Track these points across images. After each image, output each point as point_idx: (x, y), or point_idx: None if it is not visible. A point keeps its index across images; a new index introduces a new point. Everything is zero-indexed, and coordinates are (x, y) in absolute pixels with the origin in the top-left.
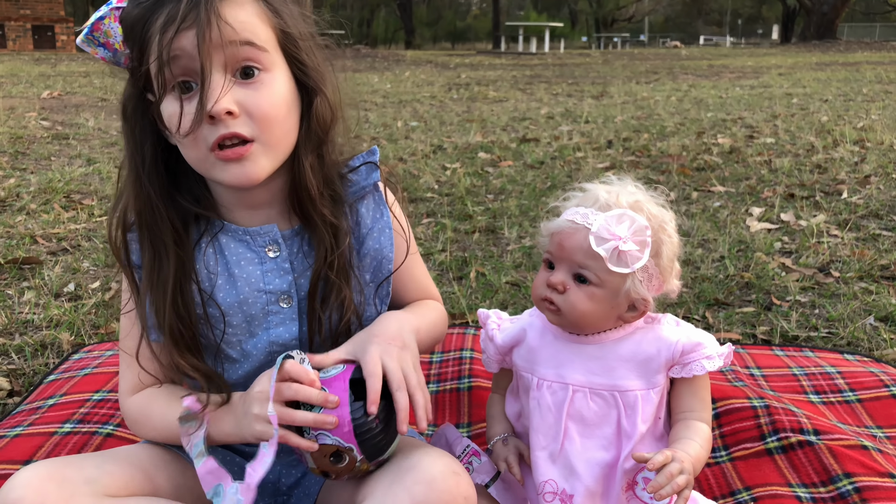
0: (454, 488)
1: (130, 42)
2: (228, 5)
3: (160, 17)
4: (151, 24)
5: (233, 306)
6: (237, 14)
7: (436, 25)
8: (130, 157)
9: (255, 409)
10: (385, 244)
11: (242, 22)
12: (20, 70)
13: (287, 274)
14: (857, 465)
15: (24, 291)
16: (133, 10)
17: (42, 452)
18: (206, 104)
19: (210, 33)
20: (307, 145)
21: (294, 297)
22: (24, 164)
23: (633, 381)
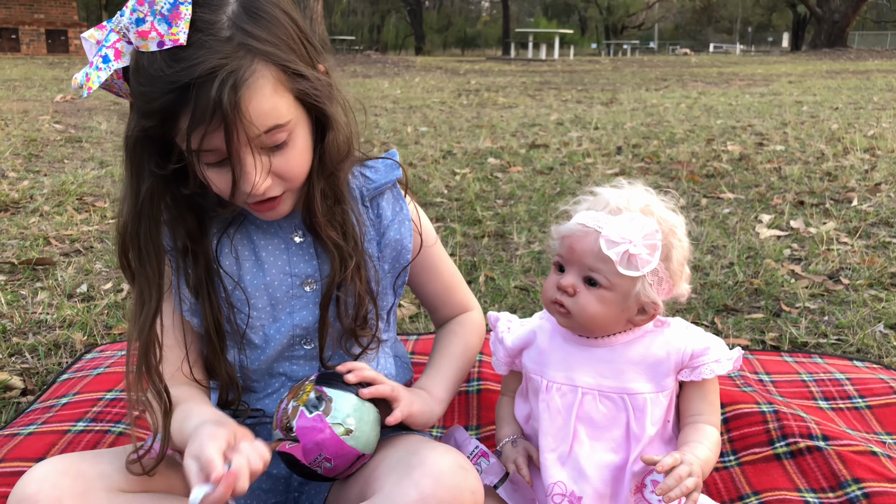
0: (462, 482)
1: (149, 116)
2: (251, 98)
3: (184, 115)
4: (176, 120)
5: (259, 288)
6: (260, 106)
7: (446, 32)
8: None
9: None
10: (405, 235)
11: (266, 113)
12: (34, 74)
13: (312, 259)
14: (866, 470)
15: (38, 292)
16: (153, 98)
17: (55, 450)
18: (244, 190)
19: (238, 136)
20: (319, 174)
21: (318, 281)
22: (38, 166)
23: (643, 384)
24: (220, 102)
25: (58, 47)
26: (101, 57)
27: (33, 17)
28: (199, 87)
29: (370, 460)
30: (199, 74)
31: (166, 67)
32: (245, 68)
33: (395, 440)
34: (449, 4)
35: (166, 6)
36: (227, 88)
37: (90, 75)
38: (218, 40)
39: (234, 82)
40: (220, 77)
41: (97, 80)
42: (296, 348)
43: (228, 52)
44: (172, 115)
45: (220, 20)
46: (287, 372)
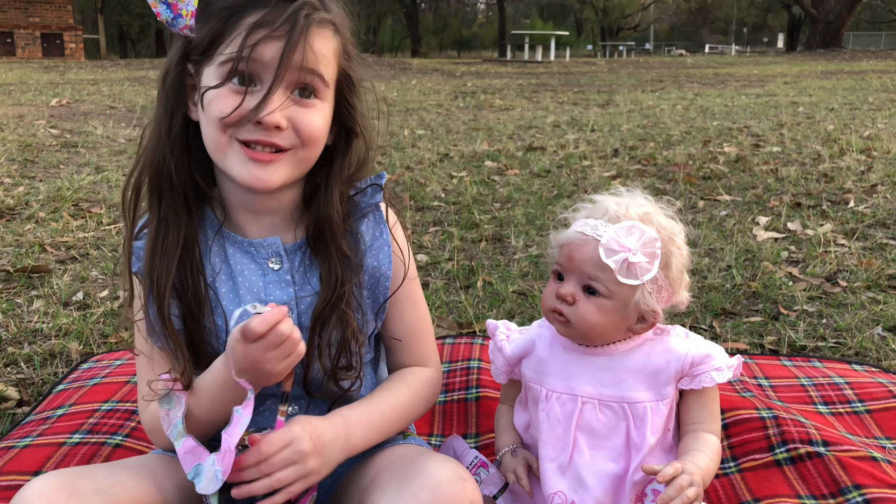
0: (460, 493)
1: (207, 19)
2: (320, 34)
3: (252, 15)
4: (241, 18)
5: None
6: (322, 46)
7: (442, 34)
8: (157, 123)
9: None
10: (383, 262)
11: (323, 54)
12: (29, 78)
13: (288, 286)
14: (866, 476)
15: (33, 300)
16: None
17: (51, 463)
18: (260, 111)
19: (294, 55)
20: (338, 179)
21: (294, 310)
22: (33, 172)
23: (643, 393)
24: (296, 18)
25: (53, 51)
26: None
27: (28, 21)
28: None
29: (370, 470)
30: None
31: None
32: (321, 15)
33: (393, 450)
34: (445, 6)
35: None
36: (304, 13)
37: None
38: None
39: (311, 15)
40: (304, 4)
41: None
42: None
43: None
44: (239, 15)
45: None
46: (275, 392)
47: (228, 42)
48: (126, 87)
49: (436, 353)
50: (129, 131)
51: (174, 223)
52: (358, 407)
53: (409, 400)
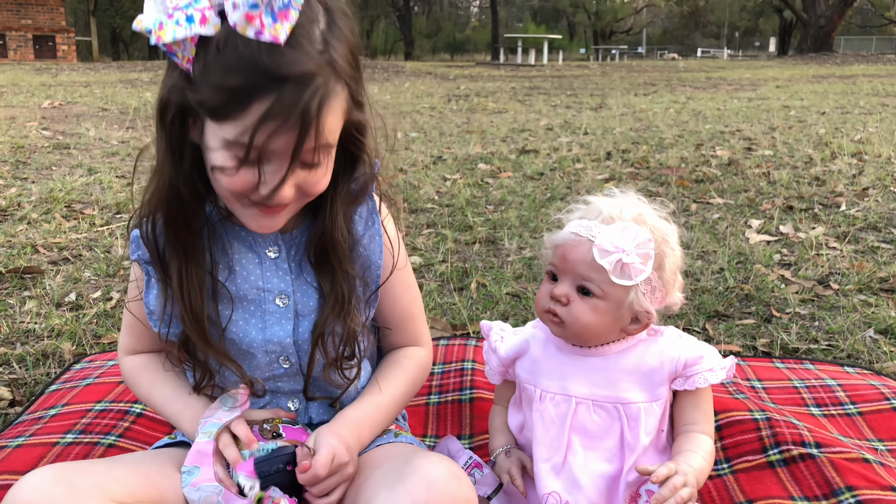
0: (455, 492)
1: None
2: (328, 114)
3: (261, 102)
4: (249, 102)
5: (233, 301)
6: (333, 120)
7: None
8: (163, 163)
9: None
10: (374, 251)
11: (333, 128)
12: (21, 80)
13: (286, 274)
14: (859, 478)
15: (26, 301)
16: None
17: (44, 462)
18: (271, 200)
19: (305, 144)
20: (344, 201)
21: (290, 297)
22: (26, 173)
23: (636, 394)
24: (307, 107)
25: (45, 53)
26: (186, 16)
27: (20, 23)
28: (295, 84)
29: (364, 468)
30: (298, 72)
31: (265, 55)
32: (332, 84)
33: (388, 449)
34: (438, 10)
35: (280, 3)
36: (317, 97)
37: (165, 26)
38: (314, 49)
39: (324, 94)
40: (315, 84)
41: (172, 35)
42: (275, 366)
43: (321, 65)
44: (246, 98)
45: (315, 32)
46: (273, 389)
47: (235, 122)
48: (118, 89)
49: (427, 333)
50: (121, 133)
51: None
52: (362, 405)
53: (406, 387)
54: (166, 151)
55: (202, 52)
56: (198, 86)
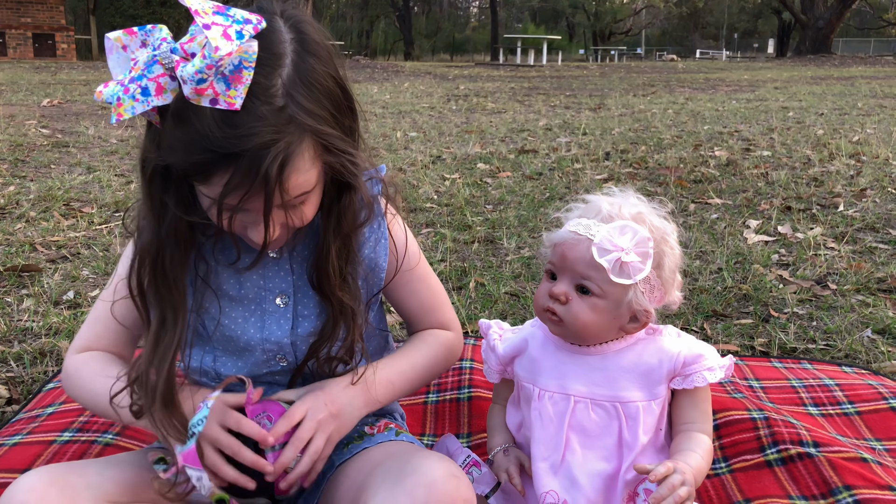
0: (454, 491)
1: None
2: (292, 172)
3: (220, 175)
4: (209, 176)
5: (234, 299)
6: (298, 179)
7: (434, 37)
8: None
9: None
10: (380, 254)
11: (301, 185)
12: (20, 78)
13: (287, 275)
14: (856, 477)
15: (24, 299)
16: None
17: (41, 461)
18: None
19: (273, 203)
20: (336, 234)
21: (291, 297)
22: (24, 171)
23: (635, 393)
24: (266, 177)
25: (45, 51)
26: (141, 88)
27: (20, 21)
28: (250, 158)
29: (363, 466)
30: (251, 147)
31: (216, 129)
32: (294, 144)
33: (387, 447)
34: (438, 10)
35: (230, 67)
36: (276, 165)
37: (123, 101)
38: (271, 110)
39: (283, 159)
40: (272, 154)
41: (131, 111)
42: (272, 363)
43: (280, 126)
44: (207, 172)
45: (275, 85)
46: (271, 381)
47: (203, 188)
48: None
49: (455, 318)
50: (120, 132)
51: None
52: (381, 366)
53: (428, 361)
54: (149, 207)
55: (162, 118)
56: (164, 151)
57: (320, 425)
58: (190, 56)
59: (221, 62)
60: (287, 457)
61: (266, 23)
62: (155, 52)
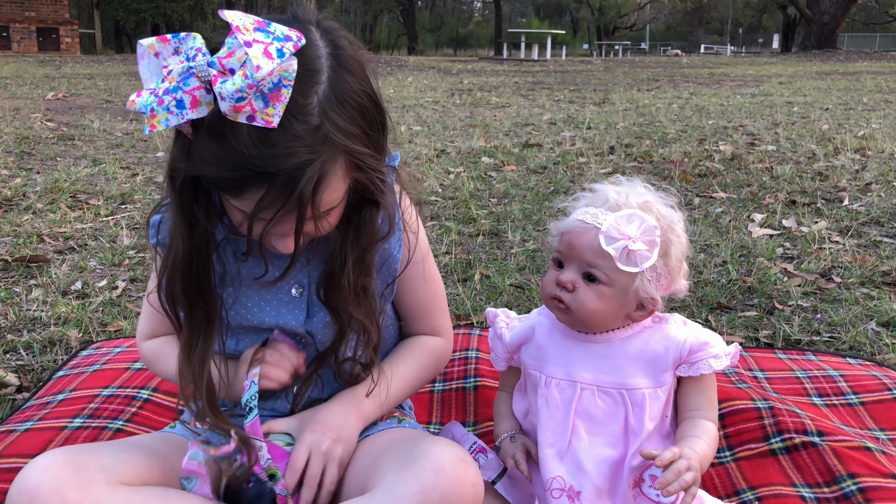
0: (462, 475)
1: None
2: (324, 189)
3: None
4: (242, 191)
5: (251, 287)
6: (330, 196)
7: (438, 32)
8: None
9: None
10: (394, 244)
11: (331, 201)
12: (25, 71)
13: (303, 266)
14: (860, 465)
15: (32, 289)
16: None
17: (53, 446)
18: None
19: (305, 219)
20: (353, 246)
21: (306, 288)
22: (30, 164)
23: (641, 380)
24: (301, 196)
25: (49, 45)
26: (176, 101)
27: (24, 15)
28: (285, 179)
29: (371, 451)
30: (288, 167)
31: (252, 147)
32: (328, 164)
33: (395, 433)
34: (441, 4)
35: (269, 85)
36: (312, 183)
37: (157, 112)
38: (307, 129)
39: (320, 177)
40: (308, 174)
41: (165, 123)
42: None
43: (315, 146)
44: (240, 188)
45: (311, 104)
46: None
47: (235, 200)
48: (122, 81)
49: (448, 325)
50: (125, 125)
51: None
52: (367, 382)
53: (415, 371)
54: (178, 217)
55: (196, 130)
56: (196, 162)
57: (328, 457)
58: (228, 72)
59: (263, 81)
60: (305, 499)
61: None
62: (191, 65)
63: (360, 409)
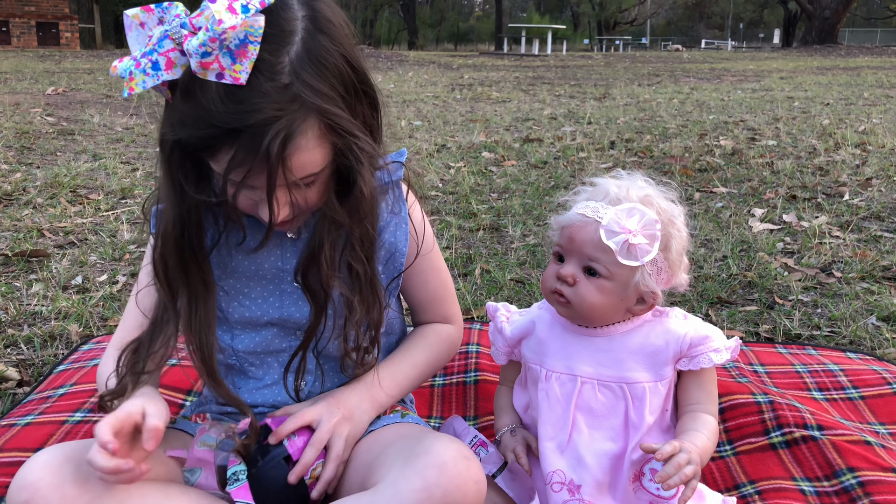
0: (465, 472)
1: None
2: (295, 150)
3: (225, 151)
4: (215, 151)
5: (252, 279)
6: (302, 158)
7: (439, 26)
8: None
9: None
10: (400, 238)
11: (305, 165)
12: (25, 66)
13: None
14: (860, 459)
15: (32, 284)
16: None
17: (53, 440)
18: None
19: (276, 180)
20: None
21: None
22: (30, 158)
23: (641, 374)
24: (268, 154)
25: (49, 40)
26: (152, 62)
27: (24, 10)
28: (251, 134)
29: (373, 447)
30: (253, 123)
31: (220, 104)
32: (297, 122)
33: (397, 429)
34: None
35: (235, 41)
36: (278, 142)
37: (134, 75)
38: (276, 87)
39: (285, 137)
40: (273, 131)
41: (142, 85)
42: (291, 339)
43: (284, 104)
44: (213, 147)
45: (282, 63)
46: (285, 362)
47: (212, 161)
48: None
49: (458, 312)
50: (125, 120)
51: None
52: (380, 368)
53: (428, 358)
54: (169, 186)
55: (173, 93)
56: (176, 126)
57: (336, 428)
58: (197, 30)
59: (225, 35)
60: (308, 457)
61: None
62: (165, 28)
63: (374, 395)
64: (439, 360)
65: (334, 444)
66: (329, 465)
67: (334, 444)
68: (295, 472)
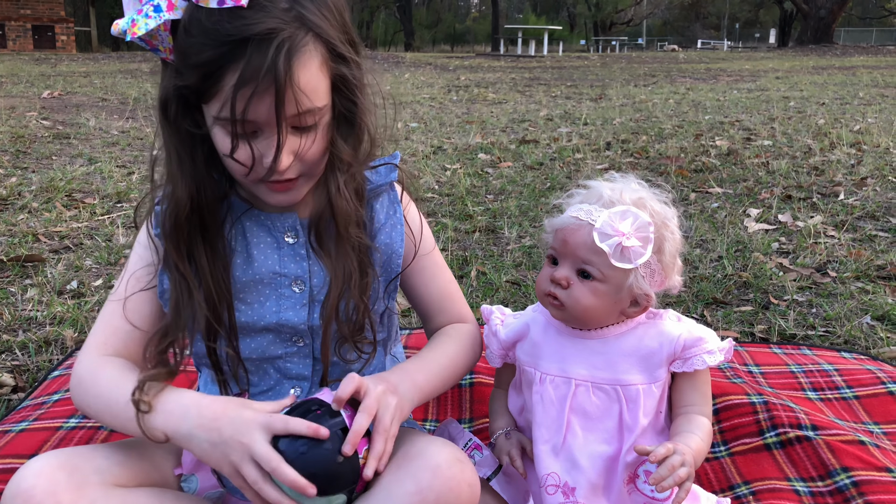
0: (458, 475)
1: (186, 69)
2: (302, 68)
3: (230, 72)
4: (221, 75)
5: (248, 284)
6: (309, 80)
7: (435, 28)
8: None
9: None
10: (396, 240)
11: (311, 90)
12: (20, 70)
13: (302, 260)
14: (854, 459)
15: (27, 289)
16: (202, 49)
17: (48, 447)
18: (272, 169)
19: (287, 108)
20: (341, 168)
21: (307, 283)
22: (26, 162)
23: (635, 376)
24: (274, 65)
25: (44, 43)
26: (153, 6)
27: (20, 13)
28: (256, 44)
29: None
30: (257, 32)
31: (225, 22)
32: (300, 38)
33: None
34: (438, 1)
35: None
36: (283, 53)
37: (137, 21)
38: (277, 7)
39: (290, 48)
40: (277, 40)
41: (144, 27)
42: (287, 345)
43: (287, 20)
44: (219, 69)
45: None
46: (281, 369)
47: (216, 100)
48: (118, 79)
49: (470, 311)
50: (121, 123)
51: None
52: (413, 360)
53: (458, 351)
54: (178, 146)
55: (177, 38)
56: (180, 71)
57: (382, 398)
58: None
59: None
60: (360, 424)
61: None
62: None
63: (413, 378)
64: (468, 355)
65: (382, 416)
66: (377, 438)
67: (382, 417)
68: (349, 440)
